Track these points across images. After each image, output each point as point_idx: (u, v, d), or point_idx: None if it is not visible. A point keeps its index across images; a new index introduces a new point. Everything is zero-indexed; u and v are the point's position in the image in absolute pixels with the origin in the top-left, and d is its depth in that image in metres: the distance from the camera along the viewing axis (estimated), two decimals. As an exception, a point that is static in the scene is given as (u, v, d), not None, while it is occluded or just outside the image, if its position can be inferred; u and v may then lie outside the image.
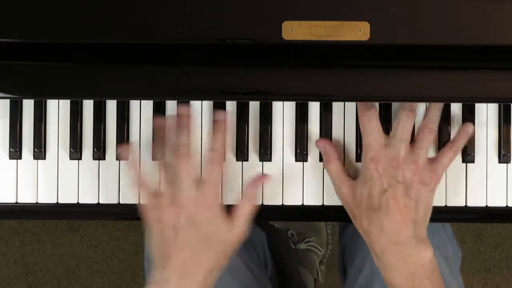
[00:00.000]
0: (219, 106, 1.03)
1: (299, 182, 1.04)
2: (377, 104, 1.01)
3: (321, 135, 1.03)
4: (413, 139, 1.00)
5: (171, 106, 1.03)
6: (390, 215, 0.96)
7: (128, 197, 1.04)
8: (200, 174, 1.01)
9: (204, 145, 1.03)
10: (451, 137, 1.03)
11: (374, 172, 0.97)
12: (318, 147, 1.03)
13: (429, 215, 0.99)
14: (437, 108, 1.00)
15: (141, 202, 1.00)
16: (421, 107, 1.02)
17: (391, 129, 1.02)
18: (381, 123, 1.00)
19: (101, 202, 1.04)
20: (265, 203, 1.03)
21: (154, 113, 1.02)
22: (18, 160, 1.04)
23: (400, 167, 0.97)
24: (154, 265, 0.98)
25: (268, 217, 1.17)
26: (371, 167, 0.98)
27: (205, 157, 1.00)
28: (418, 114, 1.02)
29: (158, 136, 1.02)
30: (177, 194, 0.98)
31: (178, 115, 1.01)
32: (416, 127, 1.01)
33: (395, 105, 1.03)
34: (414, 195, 0.97)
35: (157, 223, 0.98)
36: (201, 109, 1.03)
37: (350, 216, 1.01)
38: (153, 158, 1.03)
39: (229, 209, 1.01)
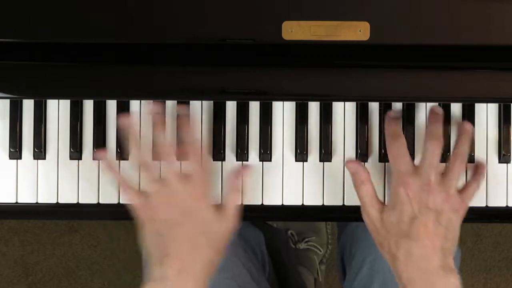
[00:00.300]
0: (219, 106, 1.03)
1: (299, 182, 1.04)
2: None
3: (321, 135, 1.03)
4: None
5: (171, 105, 1.03)
6: (420, 242, 0.95)
7: (128, 197, 1.03)
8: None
9: (204, 143, 1.03)
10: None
11: (404, 197, 0.96)
12: (348, 169, 1.01)
13: (456, 244, 0.98)
14: (467, 143, 1.00)
15: (131, 203, 0.99)
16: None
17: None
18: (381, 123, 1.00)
19: (101, 202, 1.04)
20: (265, 203, 1.03)
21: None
22: (18, 160, 1.04)
23: (431, 191, 0.96)
24: (151, 263, 0.97)
25: (268, 217, 1.17)
26: (401, 192, 0.96)
27: (183, 152, 0.99)
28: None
29: (126, 135, 1.01)
30: (166, 190, 0.97)
31: (151, 114, 1.00)
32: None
33: (395, 105, 1.03)
34: (445, 221, 0.96)
35: (150, 221, 0.97)
36: (201, 109, 1.03)
37: (376, 242, 0.99)
38: (129, 158, 1.02)
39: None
